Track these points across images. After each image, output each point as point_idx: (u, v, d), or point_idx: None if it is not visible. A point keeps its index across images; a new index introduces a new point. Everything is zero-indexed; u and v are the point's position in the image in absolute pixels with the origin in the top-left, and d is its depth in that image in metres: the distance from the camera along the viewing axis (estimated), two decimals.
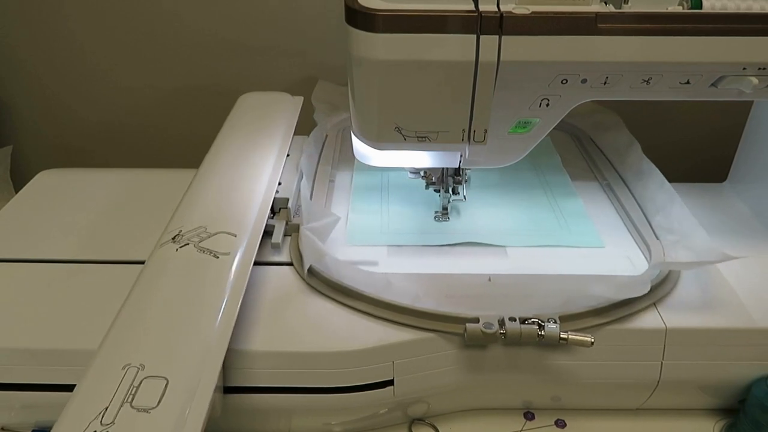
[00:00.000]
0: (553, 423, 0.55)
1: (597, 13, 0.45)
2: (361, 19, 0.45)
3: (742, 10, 0.46)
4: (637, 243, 0.60)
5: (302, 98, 0.76)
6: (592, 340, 0.47)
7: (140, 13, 0.87)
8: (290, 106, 0.73)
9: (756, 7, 0.46)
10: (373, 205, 0.67)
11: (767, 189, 0.65)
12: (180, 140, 0.97)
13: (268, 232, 0.57)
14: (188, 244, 0.50)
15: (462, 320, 0.49)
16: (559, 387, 0.53)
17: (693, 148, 0.97)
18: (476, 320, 0.48)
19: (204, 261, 0.48)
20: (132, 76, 0.93)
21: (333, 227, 0.59)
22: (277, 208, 0.61)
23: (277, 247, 0.58)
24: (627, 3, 0.46)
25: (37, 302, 0.52)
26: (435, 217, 0.65)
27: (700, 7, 0.46)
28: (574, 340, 0.47)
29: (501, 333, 0.48)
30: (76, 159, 1.02)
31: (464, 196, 0.63)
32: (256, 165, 0.61)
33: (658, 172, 0.64)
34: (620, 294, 0.50)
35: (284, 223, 0.60)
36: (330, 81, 0.86)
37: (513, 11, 0.45)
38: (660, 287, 0.53)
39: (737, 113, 0.71)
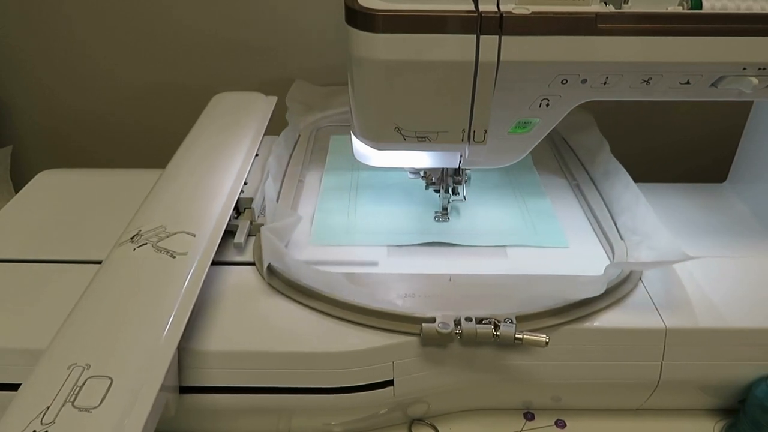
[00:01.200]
0: (553, 423, 0.55)
1: (597, 14, 0.45)
2: (361, 19, 0.45)
3: (742, 11, 0.46)
4: (601, 243, 0.60)
5: (276, 98, 0.76)
6: (547, 340, 0.47)
7: (140, 13, 0.88)
8: (263, 106, 0.73)
9: (756, 8, 0.46)
10: (340, 206, 0.66)
11: (767, 189, 0.65)
12: (181, 140, 0.97)
13: (233, 232, 0.58)
14: (146, 243, 0.50)
15: (418, 320, 0.49)
16: (558, 388, 0.53)
17: (693, 149, 0.97)
18: (432, 320, 0.48)
19: (160, 261, 0.48)
20: (133, 76, 0.93)
21: (295, 227, 0.59)
22: (242, 208, 0.61)
23: (239, 247, 0.57)
24: (627, 3, 0.46)
25: (37, 302, 0.52)
26: (435, 218, 0.65)
27: (700, 8, 0.46)
28: (529, 340, 0.47)
29: (456, 333, 0.48)
30: (76, 159, 1.02)
31: (464, 196, 0.63)
32: (223, 165, 0.61)
33: (625, 172, 0.64)
34: (576, 294, 0.50)
35: (248, 223, 0.59)
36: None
37: (513, 11, 0.45)
38: (620, 287, 0.53)
39: (737, 114, 0.71)
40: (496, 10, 0.45)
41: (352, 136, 0.56)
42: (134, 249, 0.49)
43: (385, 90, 0.49)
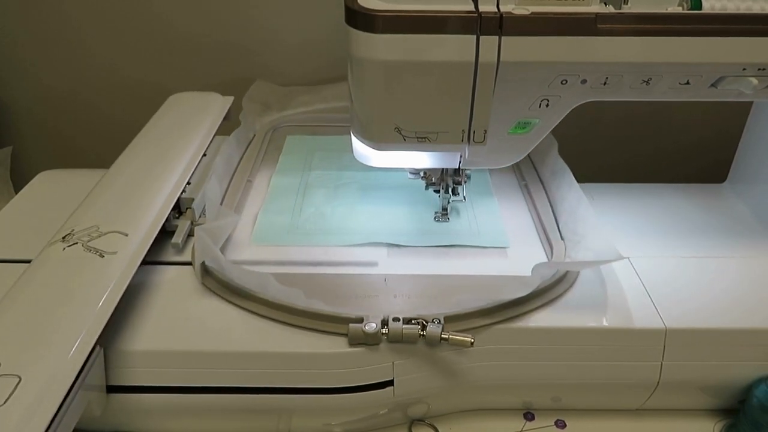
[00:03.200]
0: (553, 423, 0.55)
1: (597, 14, 0.45)
2: (361, 20, 0.46)
3: (741, 11, 0.46)
4: (542, 243, 0.60)
5: (232, 98, 0.76)
6: (472, 340, 0.47)
7: (142, 13, 0.88)
8: (217, 106, 0.73)
9: (756, 8, 0.46)
10: (286, 206, 0.66)
11: (766, 189, 0.65)
12: None
13: (174, 232, 0.58)
14: (77, 243, 0.50)
15: (345, 320, 0.48)
16: (558, 388, 0.53)
17: (694, 150, 0.97)
18: (360, 320, 0.48)
19: (87, 260, 0.48)
20: (133, 76, 0.93)
21: (231, 228, 0.59)
22: (183, 208, 0.60)
23: (177, 247, 0.57)
24: (627, 3, 0.46)
25: None
26: (435, 218, 0.65)
27: (700, 8, 0.46)
28: (455, 341, 0.47)
29: (383, 333, 0.48)
30: (76, 160, 1.02)
31: (464, 197, 0.63)
32: (166, 164, 0.61)
33: (570, 173, 0.65)
34: (503, 295, 0.50)
35: (188, 223, 0.59)
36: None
37: (513, 12, 0.45)
38: (554, 287, 0.53)
39: (738, 115, 0.71)
40: (496, 10, 0.45)
41: (352, 137, 0.56)
42: (64, 248, 0.49)
43: (385, 90, 0.49)
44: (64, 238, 0.50)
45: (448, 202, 0.64)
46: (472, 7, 0.45)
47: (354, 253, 0.59)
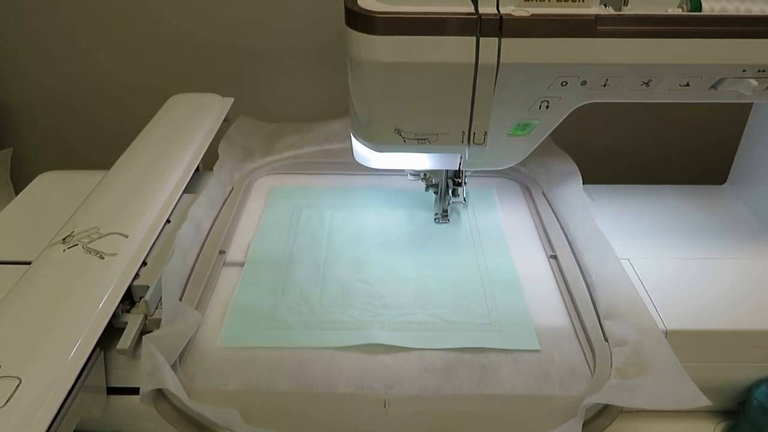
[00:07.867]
0: None
1: (597, 16, 0.45)
2: (361, 22, 0.46)
3: (741, 13, 0.46)
4: (581, 344, 0.50)
5: (232, 99, 0.74)
6: None
7: (142, 14, 0.88)
8: (217, 107, 0.73)
9: (755, 10, 0.46)
10: (265, 287, 0.55)
11: (766, 190, 0.65)
12: None
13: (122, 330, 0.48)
14: (77, 245, 0.49)
15: None
16: None
17: (694, 152, 0.97)
18: None
19: (88, 262, 0.48)
20: (134, 77, 0.93)
21: (192, 331, 0.49)
22: (137, 297, 0.50)
23: (124, 353, 0.45)
24: (626, 5, 0.47)
25: None
26: (435, 219, 0.65)
27: (700, 10, 0.46)
28: None
29: None
30: (76, 161, 1.02)
31: (464, 198, 0.63)
32: (166, 166, 0.61)
33: (611, 248, 0.55)
34: None
35: (141, 318, 0.48)
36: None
37: (512, 13, 0.45)
38: (597, 420, 0.44)
39: (738, 117, 0.71)
40: (496, 12, 0.45)
41: (352, 138, 0.56)
42: (64, 250, 0.49)
43: (384, 92, 0.49)
44: (64, 239, 0.50)
45: (449, 204, 0.64)
46: (471, 9, 0.45)
47: (345, 361, 0.48)
